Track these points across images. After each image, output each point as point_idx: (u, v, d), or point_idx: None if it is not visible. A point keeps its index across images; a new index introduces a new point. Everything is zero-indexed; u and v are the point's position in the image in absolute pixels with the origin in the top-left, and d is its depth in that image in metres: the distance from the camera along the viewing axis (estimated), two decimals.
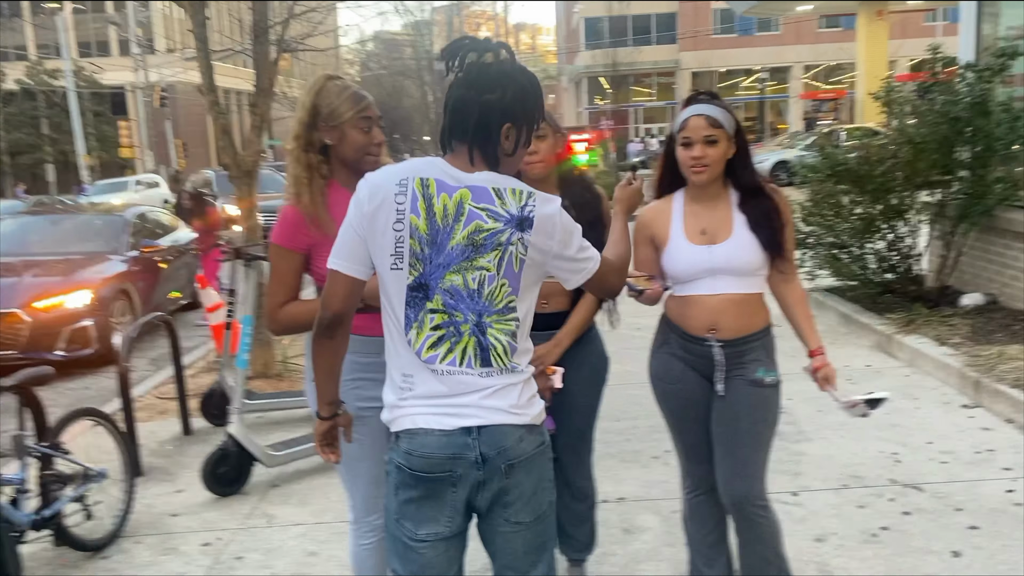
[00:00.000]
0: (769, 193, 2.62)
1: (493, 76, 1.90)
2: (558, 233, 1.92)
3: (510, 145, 1.93)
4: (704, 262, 2.58)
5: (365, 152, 2.45)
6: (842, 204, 6.89)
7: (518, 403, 1.95)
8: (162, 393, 6.29)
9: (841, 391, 2.69)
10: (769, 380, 2.63)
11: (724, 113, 2.54)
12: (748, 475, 2.64)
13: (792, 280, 2.69)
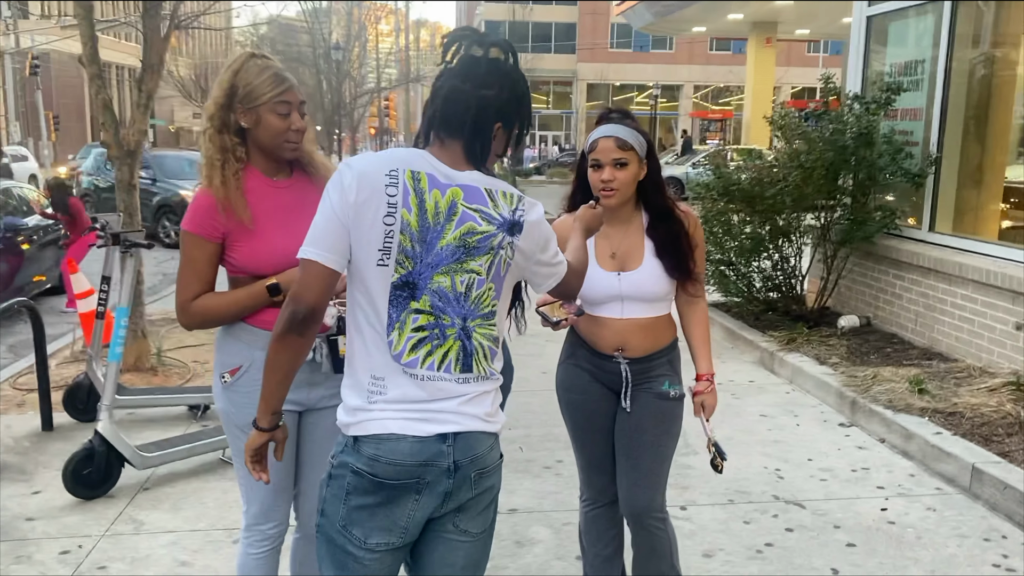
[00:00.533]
0: (679, 216, 2.61)
1: (492, 72, 1.83)
2: (541, 239, 1.91)
3: (498, 146, 1.88)
4: (612, 288, 2.57)
5: (283, 139, 2.31)
6: (732, 223, 7.09)
7: (491, 411, 1.89)
8: (20, 384, 5.82)
9: (711, 426, 2.73)
10: (674, 393, 2.64)
11: (635, 134, 2.51)
12: (650, 486, 2.64)
13: (698, 302, 2.69)
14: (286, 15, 34.34)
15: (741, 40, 30.15)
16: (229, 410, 2.38)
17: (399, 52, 39.28)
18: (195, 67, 31.37)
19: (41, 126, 37.43)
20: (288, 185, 2.38)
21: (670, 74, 51.51)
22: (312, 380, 2.40)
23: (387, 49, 37.78)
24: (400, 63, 38.72)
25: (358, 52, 26.79)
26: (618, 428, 2.67)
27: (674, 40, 47.67)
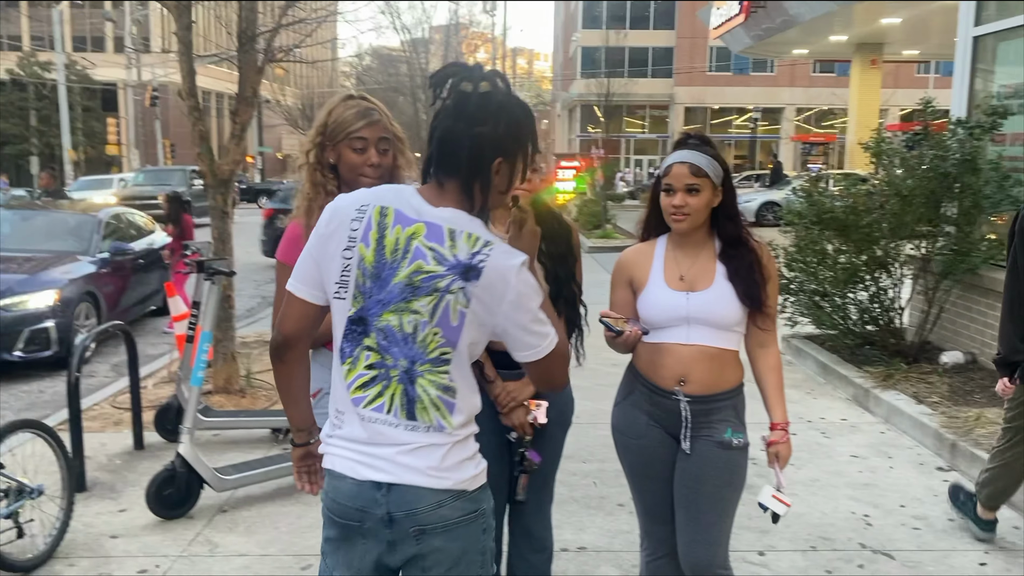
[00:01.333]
0: (753, 246, 2.52)
1: (485, 107, 1.78)
2: (510, 293, 1.74)
3: (502, 181, 1.82)
4: (680, 308, 2.47)
5: (358, 173, 2.40)
6: (826, 252, 6.81)
7: (440, 465, 1.79)
8: (119, 403, 6.08)
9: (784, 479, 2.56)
10: (737, 442, 2.51)
11: (710, 161, 2.44)
12: (710, 541, 2.51)
13: (769, 346, 2.57)
14: (388, 46, 35.37)
15: (845, 62, 29.27)
16: None
17: None
18: (301, 97, 32.57)
19: (158, 153, 39.53)
20: None
21: (771, 97, 50.46)
22: None
23: None
24: None
25: None
26: (677, 477, 2.55)
27: (775, 63, 46.68)
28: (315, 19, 7.73)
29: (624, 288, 2.61)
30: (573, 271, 2.72)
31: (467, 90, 1.80)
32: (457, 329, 1.76)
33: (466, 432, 1.84)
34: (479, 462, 1.86)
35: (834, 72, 45.40)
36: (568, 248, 2.72)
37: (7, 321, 7.13)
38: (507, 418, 2.62)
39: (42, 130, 46.65)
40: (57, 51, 35.17)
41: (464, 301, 1.75)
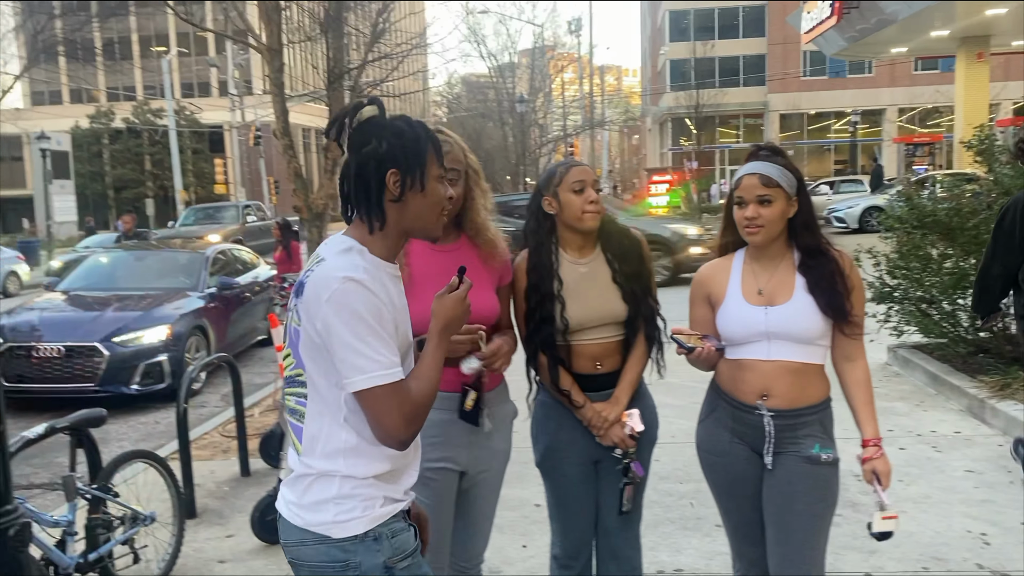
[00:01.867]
0: (833, 255, 2.44)
1: (367, 130, 1.80)
2: (322, 311, 1.67)
3: (396, 190, 1.78)
4: (759, 323, 2.41)
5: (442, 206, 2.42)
6: (931, 257, 6.52)
7: (299, 500, 1.77)
8: (227, 431, 6.33)
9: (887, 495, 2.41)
10: (826, 457, 2.42)
11: (782, 171, 2.39)
12: (804, 561, 2.43)
13: (856, 359, 2.47)
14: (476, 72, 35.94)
15: (949, 58, 28.03)
16: None
17: (583, 98, 39.88)
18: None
19: (263, 190, 41.19)
20: (452, 249, 2.50)
21: (870, 99, 48.75)
22: (474, 441, 2.48)
23: (572, 95, 38.50)
24: (584, 109, 39.29)
25: (542, 102, 27.45)
26: (766, 495, 2.48)
27: (873, 63, 45.13)
28: (399, 53, 7.94)
29: (703, 305, 2.58)
30: (648, 286, 2.70)
31: (355, 127, 1.82)
32: (296, 348, 1.77)
33: (323, 468, 1.75)
34: (350, 509, 1.75)
35: (938, 69, 43.53)
36: (640, 263, 2.69)
37: (124, 356, 7.55)
38: (605, 439, 2.62)
39: (156, 173, 49.46)
40: (167, 98, 37.23)
41: (297, 318, 1.75)
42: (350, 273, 1.67)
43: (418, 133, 1.82)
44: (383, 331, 1.69)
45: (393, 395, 1.68)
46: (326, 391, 1.74)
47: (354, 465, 1.74)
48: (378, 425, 1.71)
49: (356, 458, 1.74)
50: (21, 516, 2.37)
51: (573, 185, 2.60)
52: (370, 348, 1.66)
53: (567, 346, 2.62)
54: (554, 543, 2.82)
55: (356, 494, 1.74)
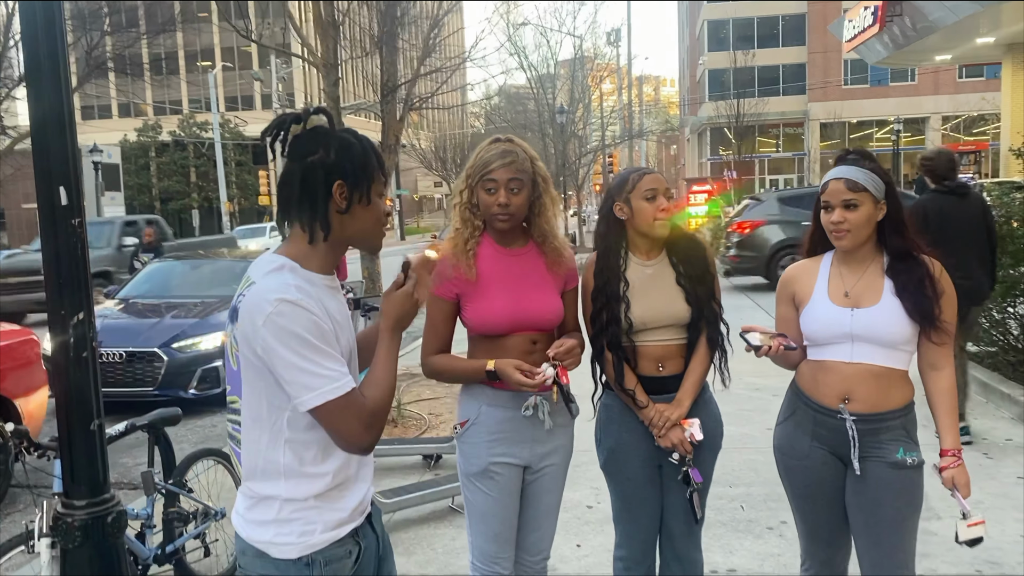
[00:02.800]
0: (923, 260, 2.46)
1: (314, 139, 1.79)
2: (259, 338, 1.67)
3: (343, 202, 1.78)
4: (843, 325, 2.44)
5: (490, 212, 2.55)
6: None
7: (245, 514, 1.84)
8: None
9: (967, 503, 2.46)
10: (911, 461, 2.45)
11: (869, 176, 2.42)
12: (897, 564, 2.47)
13: (942, 368, 2.47)
14: (515, 83, 36.16)
15: (995, 65, 27.63)
16: (460, 459, 2.62)
17: (622, 109, 39.94)
18: (434, 139, 33.79)
19: None
20: (520, 254, 2.62)
21: (914, 107, 48.17)
22: (535, 437, 2.59)
23: (611, 106, 38.58)
24: (623, 120, 39.35)
25: (582, 113, 27.55)
26: (851, 502, 2.51)
27: (916, 71, 44.57)
28: (451, 67, 8.13)
29: (787, 304, 2.62)
30: (712, 290, 2.74)
31: (298, 132, 1.81)
32: (237, 374, 1.77)
33: (264, 491, 1.79)
34: (287, 533, 1.78)
35: (983, 76, 42.88)
36: (705, 268, 2.75)
37: (182, 362, 7.79)
38: (664, 440, 2.67)
39: (201, 185, 50.50)
40: (213, 111, 38.06)
41: (235, 344, 1.75)
42: (282, 294, 1.66)
43: (365, 147, 1.82)
44: (325, 346, 1.69)
45: (347, 406, 1.70)
46: (266, 414, 1.75)
47: (295, 487, 1.77)
48: (338, 436, 1.73)
49: (296, 479, 1.77)
50: (118, 504, 2.53)
51: (645, 193, 2.66)
52: (315, 365, 1.67)
53: (631, 347, 2.70)
54: (619, 544, 2.89)
55: (295, 518, 1.78)
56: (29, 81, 2.37)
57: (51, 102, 2.34)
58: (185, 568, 3.74)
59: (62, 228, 2.37)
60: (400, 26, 6.63)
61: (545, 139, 24.72)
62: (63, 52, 2.35)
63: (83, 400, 2.43)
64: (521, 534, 2.69)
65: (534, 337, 2.58)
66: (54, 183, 2.35)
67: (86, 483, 2.46)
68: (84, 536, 2.43)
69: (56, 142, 2.36)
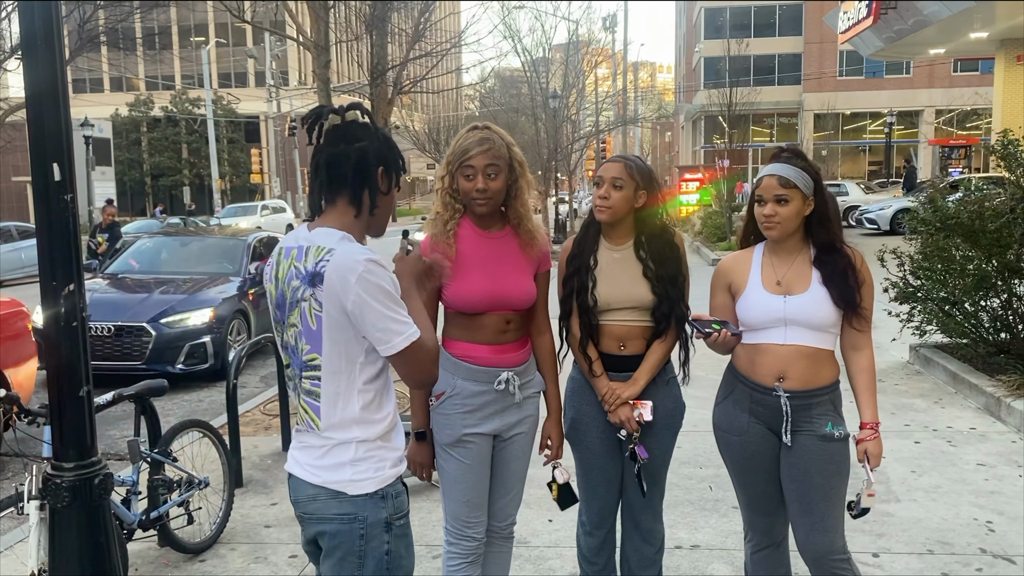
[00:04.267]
0: (846, 252, 2.66)
1: (357, 129, 2.07)
2: (351, 293, 1.92)
3: (385, 185, 2.08)
4: (778, 311, 2.64)
5: (469, 197, 2.68)
6: (954, 258, 6.66)
7: (314, 463, 2.06)
8: (268, 410, 6.64)
9: (877, 476, 2.68)
10: (839, 434, 2.64)
11: (799, 173, 2.60)
12: (827, 529, 2.65)
13: (862, 348, 2.69)
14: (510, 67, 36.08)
15: (989, 59, 27.74)
16: (435, 429, 2.77)
17: (616, 95, 39.94)
18: (428, 121, 33.77)
19: (297, 181, 41.76)
20: (498, 237, 2.76)
21: (907, 99, 48.27)
22: (506, 408, 2.75)
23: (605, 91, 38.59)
24: (617, 106, 39.35)
25: (575, 98, 27.56)
26: (784, 473, 2.70)
27: (911, 64, 44.67)
28: (441, 52, 8.19)
29: (723, 293, 2.80)
30: (683, 291, 2.87)
31: (337, 123, 2.08)
32: (317, 333, 2.00)
33: (341, 437, 2.03)
34: (364, 470, 2.03)
35: (977, 71, 43.00)
36: (677, 269, 2.86)
37: (170, 337, 7.90)
38: (613, 415, 2.83)
39: (192, 162, 50.35)
40: (206, 88, 37.90)
41: (317, 306, 1.98)
42: (368, 255, 1.94)
43: (394, 143, 2.13)
44: (399, 298, 1.98)
45: (421, 347, 1.98)
46: (344, 367, 2.00)
47: (365, 430, 2.03)
48: (416, 373, 2.02)
49: (366, 424, 2.03)
50: (105, 467, 2.65)
51: (595, 179, 2.88)
52: (399, 314, 1.95)
53: (596, 324, 2.85)
54: (580, 511, 3.05)
55: (369, 456, 2.03)
56: (25, 60, 2.45)
57: (46, 80, 2.43)
58: (169, 534, 3.87)
59: (55, 203, 2.46)
60: (391, 10, 6.72)
61: (538, 123, 24.74)
62: (59, 30, 2.44)
63: (73, 367, 2.54)
64: (490, 500, 2.83)
65: (508, 316, 2.72)
66: (48, 159, 2.44)
67: (74, 447, 2.57)
68: (72, 497, 2.54)
69: (51, 119, 2.45)
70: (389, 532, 2.06)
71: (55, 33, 2.45)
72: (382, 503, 2.04)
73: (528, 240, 2.75)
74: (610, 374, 2.86)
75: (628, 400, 2.82)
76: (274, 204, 34.06)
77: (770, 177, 2.62)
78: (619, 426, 2.85)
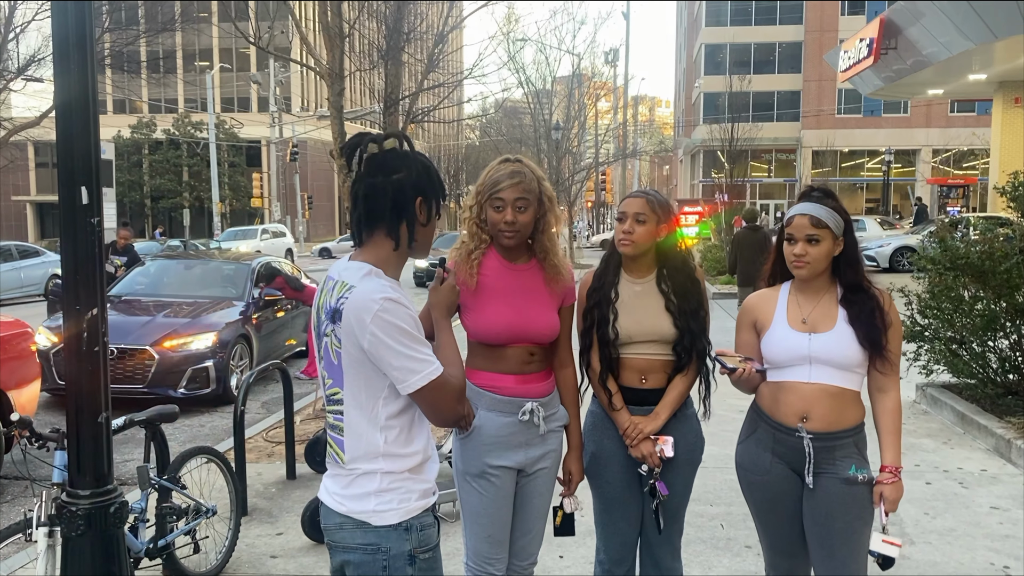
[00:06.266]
0: (874, 293, 2.64)
1: (396, 158, 2.05)
2: (367, 333, 1.91)
3: (424, 216, 2.07)
4: (802, 348, 2.61)
5: (497, 229, 2.67)
6: (962, 298, 6.65)
7: (341, 492, 2.06)
8: (271, 437, 6.57)
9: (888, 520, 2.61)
10: (862, 477, 2.60)
11: (831, 213, 2.59)
12: (849, 573, 2.60)
13: (888, 391, 2.66)
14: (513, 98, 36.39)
15: (987, 101, 28.03)
16: (457, 461, 2.72)
17: (617, 128, 40.23)
18: (429, 150, 33.96)
19: (297, 205, 41.85)
20: (523, 269, 2.74)
21: (905, 138, 48.72)
22: (530, 441, 2.71)
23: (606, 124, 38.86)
24: (618, 139, 39.62)
25: (577, 131, 27.77)
26: (807, 515, 2.66)
27: (908, 103, 45.12)
28: (453, 82, 8.25)
29: (748, 330, 2.78)
30: (704, 325, 2.86)
31: (375, 151, 2.06)
32: (338, 368, 2.01)
33: (366, 467, 2.03)
34: (388, 501, 2.02)
35: (974, 112, 43.44)
36: (699, 303, 2.85)
37: (173, 361, 7.85)
38: (635, 450, 2.80)
39: (193, 185, 50.49)
40: (209, 112, 38.06)
41: (337, 342, 1.99)
42: (385, 293, 1.92)
43: (435, 168, 2.11)
44: (419, 335, 1.96)
45: (443, 384, 1.96)
46: (365, 401, 1.99)
47: (392, 462, 2.01)
48: (437, 411, 2.00)
49: (391, 458, 2.01)
50: (120, 495, 2.60)
51: (619, 214, 2.87)
52: (417, 352, 1.93)
53: (616, 357, 2.83)
54: (599, 548, 3.00)
55: (394, 488, 2.01)
56: (57, 80, 2.45)
57: (77, 98, 2.43)
58: (175, 563, 3.80)
59: (81, 226, 2.45)
60: (406, 41, 6.77)
61: (540, 154, 24.88)
62: (92, 65, 2.44)
63: (92, 392, 2.51)
64: (512, 538, 2.78)
65: (531, 349, 2.70)
66: (76, 183, 2.43)
67: (91, 473, 2.54)
68: (87, 525, 2.50)
69: (80, 141, 2.45)
70: (413, 565, 2.03)
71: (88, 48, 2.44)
72: (406, 535, 2.02)
73: (553, 274, 2.74)
74: (630, 408, 2.84)
75: (650, 435, 2.79)
76: (274, 228, 34.11)
77: (802, 216, 2.61)
78: (640, 461, 2.81)
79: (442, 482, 4.70)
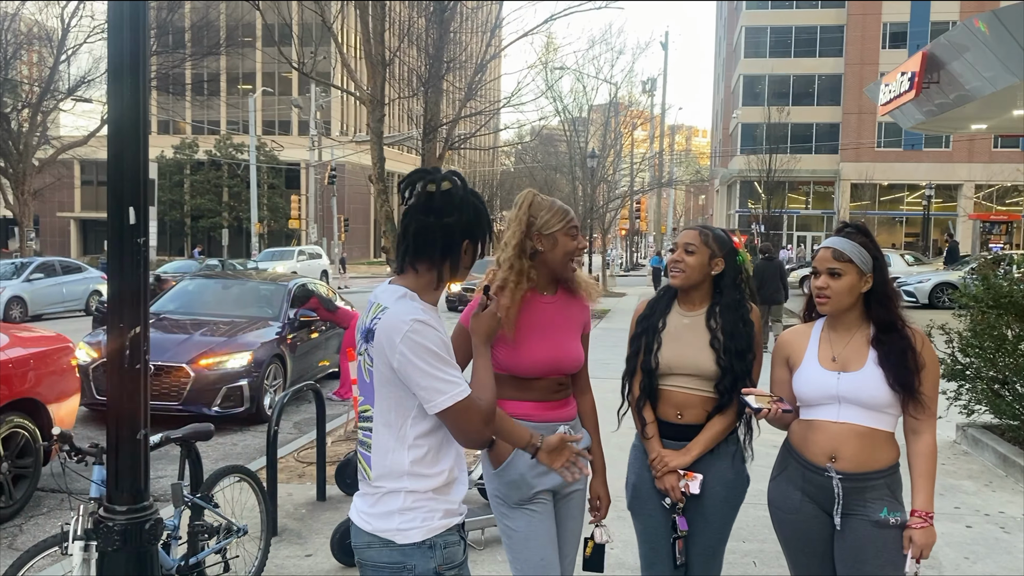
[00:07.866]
0: (907, 333, 2.58)
1: (450, 202, 2.10)
2: (396, 352, 1.96)
3: (468, 259, 2.15)
4: (830, 387, 2.57)
5: (572, 256, 2.71)
6: (1006, 337, 6.52)
7: (368, 510, 2.09)
8: (302, 457, 6.60)
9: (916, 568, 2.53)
10: (894, 521, 2.53)
11: (856, 248, 2.57)
12: None
13: (922, 433, 2.57)
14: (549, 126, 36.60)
15: None
16: (500, 490, 2.72)
17: (653, 157, 40.25)
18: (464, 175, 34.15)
19: (334, 228, 42.30)
20: (553, 300, 2.77)
21: (946, 173, 48.08)
22: None
23: (642, 153, 38.89)
24: (654, 167, 39.61)
25: (612, 159, 27.83)
26: (838, 557, 2.60)
27: (950, 137, 44.58)
28: (492, 110, 8.34)
29: (782, 367, 2.75)
30: (750, 369, 2.81)
31: (431, 190, 2.10)
32: (370, 387, 2.07)
33: (391, 486, 2.06)
34: (411, 519, 2.04)
35: (1019, 147, 42.80)
36: (748, 345, 2.80)
37: (209, 379, 7.93)
38: (659, 481, 2.79)
39: (232, 205, 51.32)
40: (250, 134, 38.72)
41: (369, 361, 2.06)
42: (416, 315, 1.98)
43: (485, 211, 2.18)
44: (448, 356, 2.00)
45: (470, 406, 1.99)
46: (394, 420, 2.04)
47: (416, 482, 2.04)
48: (464, 432, 2.03)
49: (417, 478, 2.05)
50: (156, 512, 2.63)
51: (672, 244, 2.91)
52: (444, 373, 1.97)
53: (656, 388, 2.83)
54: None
55: (418, 507, 2.04)
56: (111, 110, 2.52)
57: (129, 119, 2.49)
58: None
59: (128, 245, 2.51)
60: (447, 70, 6.87)
61: (575, 181, 24.95)
62: (145, 89, 2.50)
63: (132, 410, 2.56)
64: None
65: (561, 380, 2.73)
66: (125, 203, 2.49)
67: (128, 489, 2.57)
68: (123, 541, 2.53)
69: (130, 161, 2.51)
70: None
71: (142, 71, 2.51)
72: (431, 552, 2.04)
73: (587, 293, 2.80)
74: (665, 442, 2.82)
75: (677, 469, 2.77)
76: (310, 250, 34.46)
77: (825, 249, 2.60)
78: (665, 493, 2.80)
79: (471, 508, 4.69)
